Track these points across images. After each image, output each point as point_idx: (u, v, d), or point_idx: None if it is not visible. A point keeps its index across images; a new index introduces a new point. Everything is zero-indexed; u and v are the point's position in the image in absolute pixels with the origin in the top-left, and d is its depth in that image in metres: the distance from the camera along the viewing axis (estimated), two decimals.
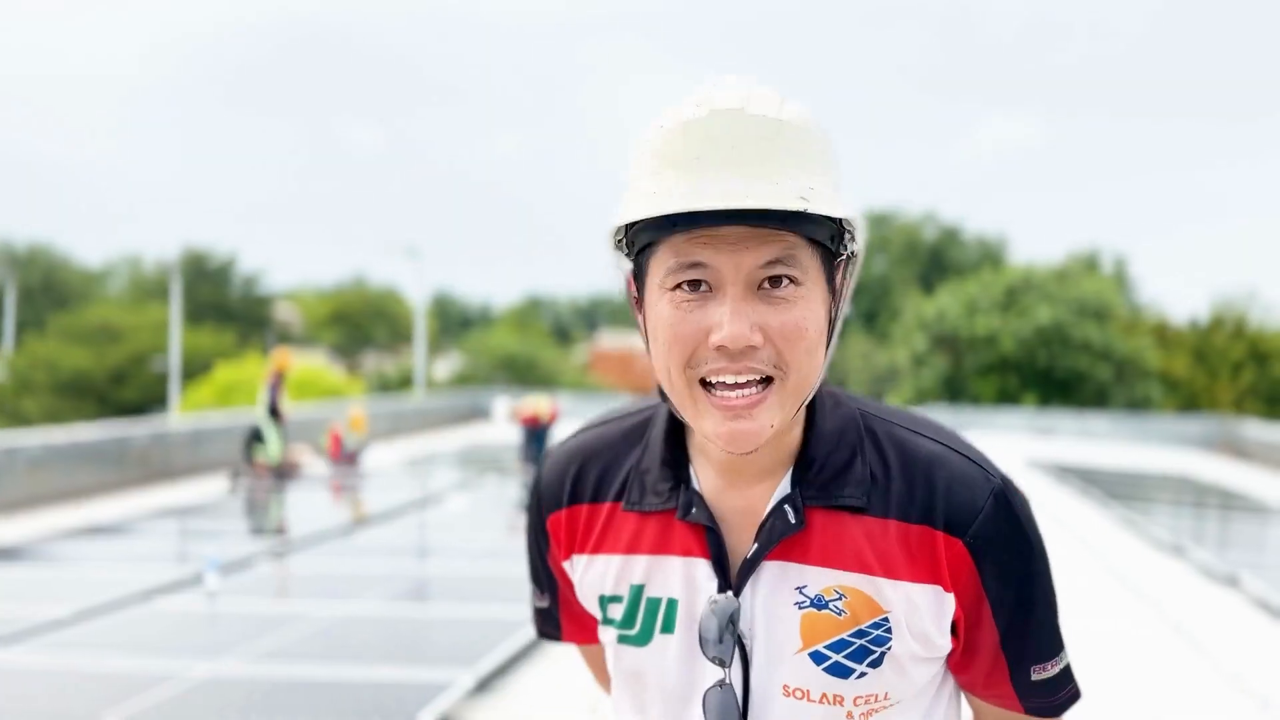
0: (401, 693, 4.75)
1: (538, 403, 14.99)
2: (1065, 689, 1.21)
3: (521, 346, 43.22)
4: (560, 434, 15.37)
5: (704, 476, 1.15)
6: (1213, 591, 7.98)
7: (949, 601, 1.12)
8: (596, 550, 1.20)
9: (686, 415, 1.09)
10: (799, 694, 1.11)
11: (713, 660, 1.11)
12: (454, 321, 71.03)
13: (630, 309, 1.14)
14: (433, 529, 9.90)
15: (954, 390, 31.75)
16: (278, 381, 13.31)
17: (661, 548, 1.16)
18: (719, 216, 1.00)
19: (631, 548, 1.18)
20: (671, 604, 1.15)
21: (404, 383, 37.99)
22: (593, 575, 1.21)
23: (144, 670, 5.11)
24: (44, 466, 11.63)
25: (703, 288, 1.03)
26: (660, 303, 1.05)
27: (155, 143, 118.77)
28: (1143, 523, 10.84)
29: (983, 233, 44.14)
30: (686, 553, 1.14)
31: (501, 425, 23.06)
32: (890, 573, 1.10)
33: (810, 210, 1.00)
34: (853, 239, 1.09)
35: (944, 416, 25.28)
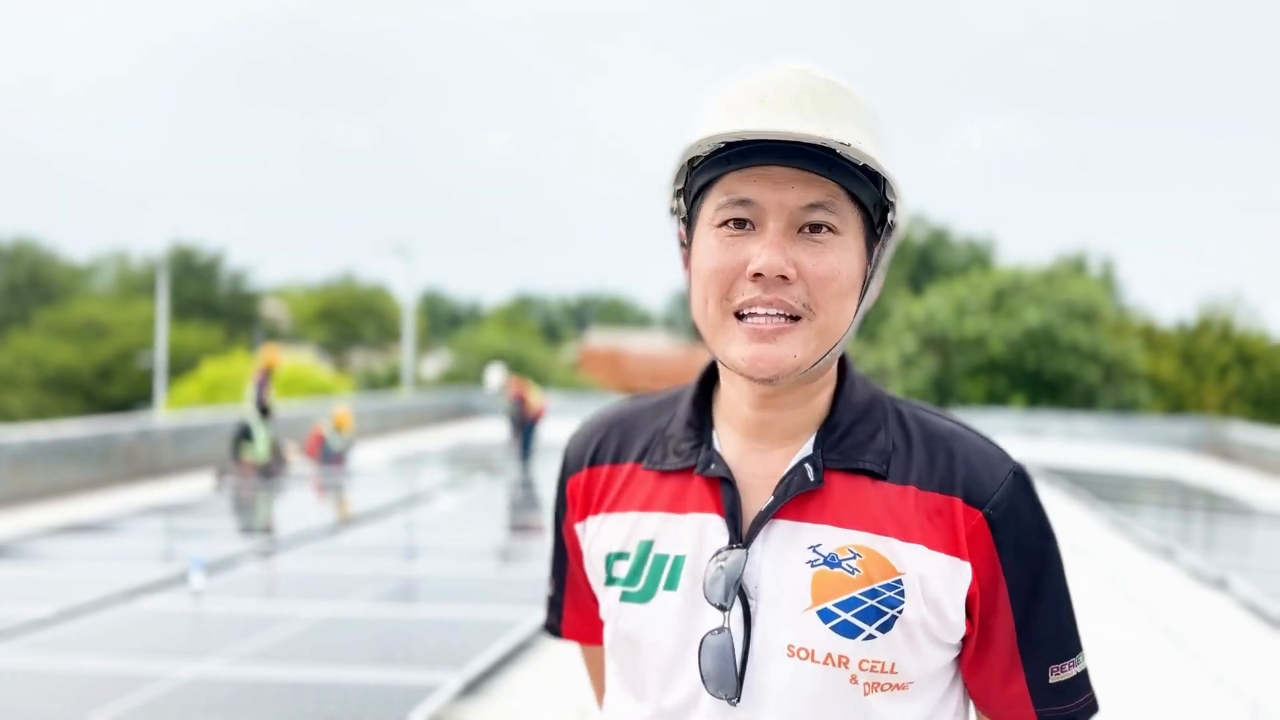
0: (388, 695, 4.70)
1: (530, 385, 15.03)
2: (1083, 697, 1.18)
3: (511, 345, 43.14)
4: (546, 431, 15.31)
5: (727, 440, 1.18)
6: (1202, 594, 7.98)
7: (965, 571, 1.11)
8: (611, 509, 1.22)
9: (716, 346, 1.13)
10: (803, 654, 1.09)
11: (715, 606, 1.11)
12: (443, 319, 70.89)
13: (680, 260, 1.20)
14: (420, 529, 9.85)
15: (942, 391, 31.80)
16: (265, 379, 13.23)
17: (676, 506, 1.17)
18: (772, 154, 1.09)
19: (646, 505, 1.19)
20: (678, 560, 1.15)
21: (392, 380, 37.88)
22: (604, 534, 1.22)
23: (127, 671, 5.05)
24: (28, 463, 11.53)
25: (746, 226, 1.11)
26: (707, 238, 1.13)
27: (144, 138, 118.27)
28: (1131, 525, 10.85)
29: (971, 234, 44.16)
30: (701, 509, 1.16)
31: (488, 422, 23.00)
32: (906, 536, 1.11)
33: (855, 150, 1.08)
34: (894, 211, 1.15)
35: None
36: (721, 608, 1.11)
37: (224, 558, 7.76)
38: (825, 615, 1.10)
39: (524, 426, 14.60)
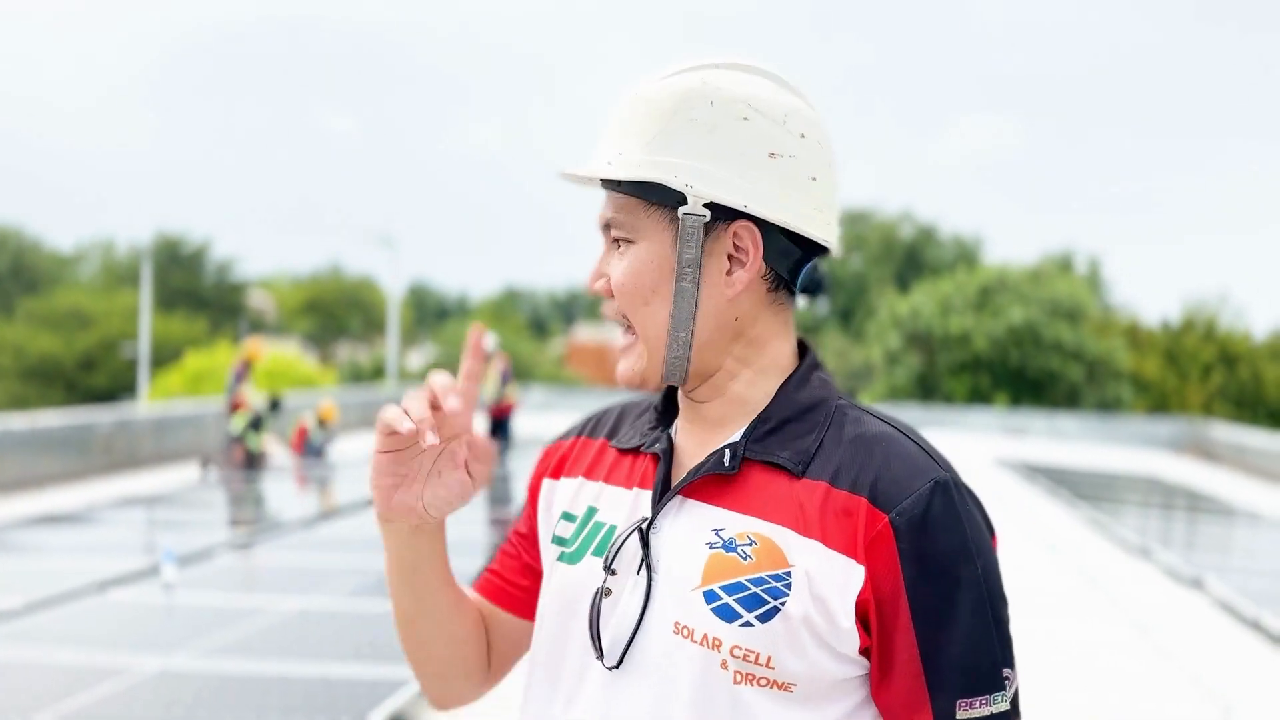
0: (355, 690, 4.67)
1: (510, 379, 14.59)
2: None
3: (500, 338, 43.08)
4: (519, 425, 15.21)
5: (683, 428, 1.22)
6: (1178, 593, 8.01)
7: (857, 575, 1.06)
8: (572, 473, 1.27)
9: None
10: (685, 632, 1.09)
11: (605, 569, 1.14)
12: (430, 312, 70.74)
13: None
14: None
15: (927, 389, 31.88)
16: (244, 371, 13.15)
17: (624, 480, 1.21)
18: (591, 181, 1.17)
19: (600, 476, 1.24)
20: (611, 529, 1.18)
21: (377, 373, 37.77)
22: (560, 493, 1.27)
23: (92, 664, 5.01)
24: (3, 453, 11.45)
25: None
26: None
27: (129, 127, 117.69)
28: (1110, 524, 10.88)
29: (959, 232, 44.33)
30: (642, 485, 1.19)
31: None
32: (806, 531, 1.09)
33: (604, 175, 1.14)
34: (693, 190, 1.12)
35: (916, 415, 25.37)
36: (608, 570, 1.13)
37: (199, 550, 7.71)
38: (709, 596, 1.09)
39: (497, 420, 14.20)
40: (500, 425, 14.33)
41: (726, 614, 1.07)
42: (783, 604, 1.06)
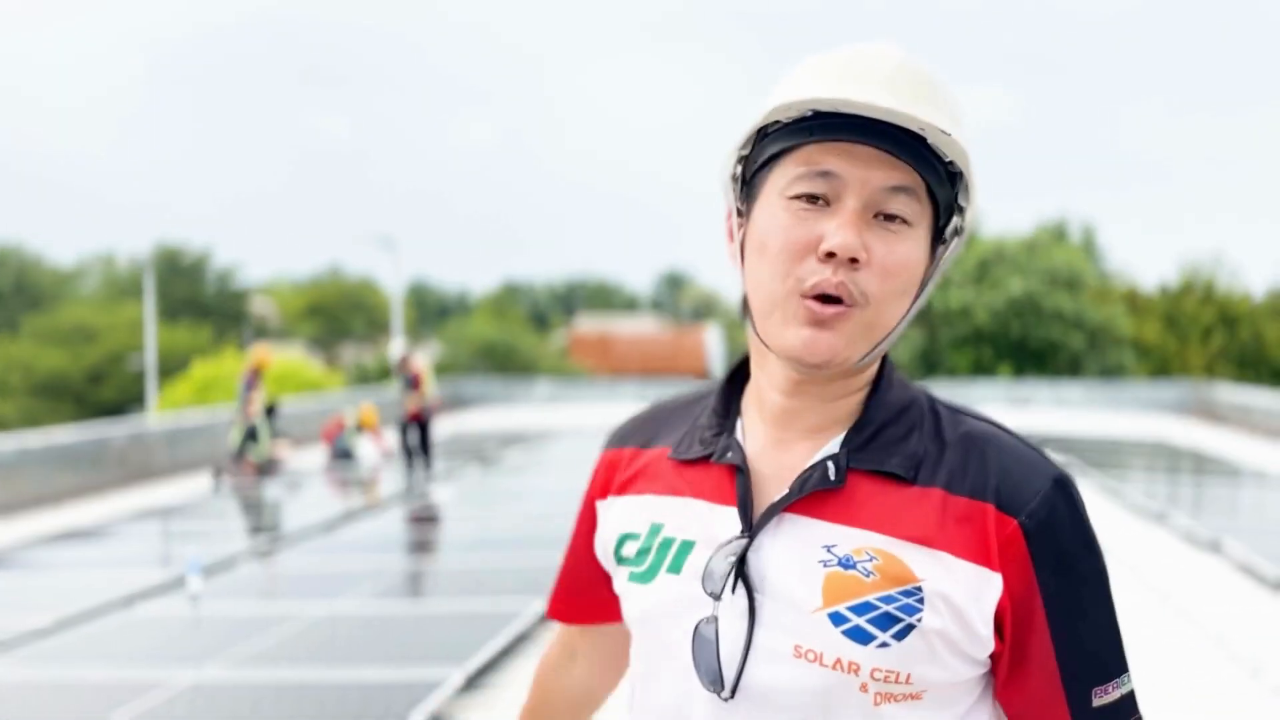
0: (390, 693, 4.71)
1: (428, 372, 13.24)
2: None
3: (500, 334, 43.10)
4: (438, 428, 14.51)
5: (752, 430, 1.15)
6: (1196, 557, 8.04)
7: (994, 582, 1.04)
8: (629, 491, 1.20)
9: (770, 324, 1.08)
10: (811, 656, 1.04)
11: (709, 594, 1.07)
12: (431, 310, 70.69)
13: (728, 230, 1.15)
14: (417, 522, 9.85)
15: (930, 363, 31.89)
16: (254, 379, 13.18)
17: (691, 492, 1.14)
18: (859, 131, 1.03)
19: (661, 489, 1.17)
20: (685, 545, 1.12)
21: (383, 374, 37.78)
22: (618, 512, 1.20)
23: (127, 680, 5.04)
24: (19, 471, 11.49)
25: (820, 202, 1.05)
26: (778, 210, 1.07)
27: (127, 140, 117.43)
28: (1122, 490, 10.91)
29: None
30: (715, 498, 1.12)
31: (480, 413, 22.99)
32: (928, 541, 1.05)
33: (950, 141, 1.04)
34: (962, 215, 1.11)
35: None
36: (714, 596, 1.07)
37: (221, 559, 7.75)
38: (836, 619, 1.04)
39: (414, 422, 12.83)
40: (420, 428, 12.96)
41: (860, 636, 1.03)
42: (919, 620, 1.03)
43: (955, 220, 1.11)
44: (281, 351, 33.53)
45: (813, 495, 1.08)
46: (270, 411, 13.17)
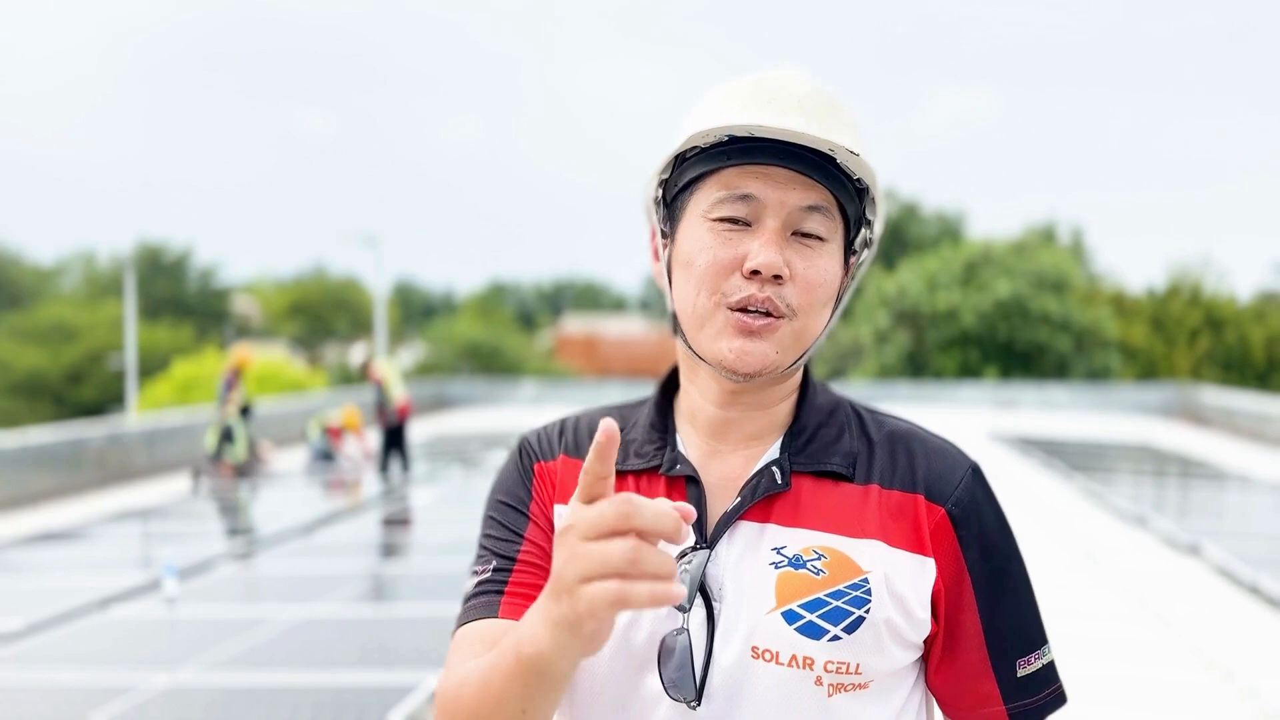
0: (365, 697, 4.67)
1: (392, 376, 12.89)
2: (1050, 688, 1.17)
3: (486, 334, 42.99)
4: (418, 430, 14.50)
5: (689, 443, 1.19)
6: (1176, 561, 8.05)
7: (929, 568, 1.12)
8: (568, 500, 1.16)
9: (700, 338, 1.13)
10: (768, 655, 1.08)
11: (675, 608, 1.10)
12: (416, 310, 70.54)
13: (653, 250, 1.22)
14: (395, 525, 9.80)
15: (917, 365, 31.94)
16: (234, 379, 13.09)
17: None
18: (774, 154, 1.10)
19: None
20: None
21: (365, 375, 37.71)
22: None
23: (99, 683, 4.99)
24: None
25: (741, 224, 1.11)
26: (702, 231, 1.12)
27: (107, 135, 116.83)
28: (1106, 493, 10.94)
29: (941, 208, 44.28)
30: None
31: (465, 413, 22.92)
32: (870, 534, 1.12)
33: (858, 161, 1.10)
34: (871, 229, 1.18)
35: (907, 392, 25.43)
36: (681, 609, 1.09)
37: (198, 562, 7.69)
38: (790, 616, 1.09)
39: (390, 428, 12.53)
40: (394, 434, 12.63)
41: (813, 631, 1.08)
42: (867, 611, 1.09)
43: (864, 233, 1.18)
44: (264, 351, 33.40)
45: (761, 501, 1.13)
46: (245, 412, 13.07)
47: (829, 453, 1.16)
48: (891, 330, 32.37)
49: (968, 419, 20.09)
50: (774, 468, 1.15)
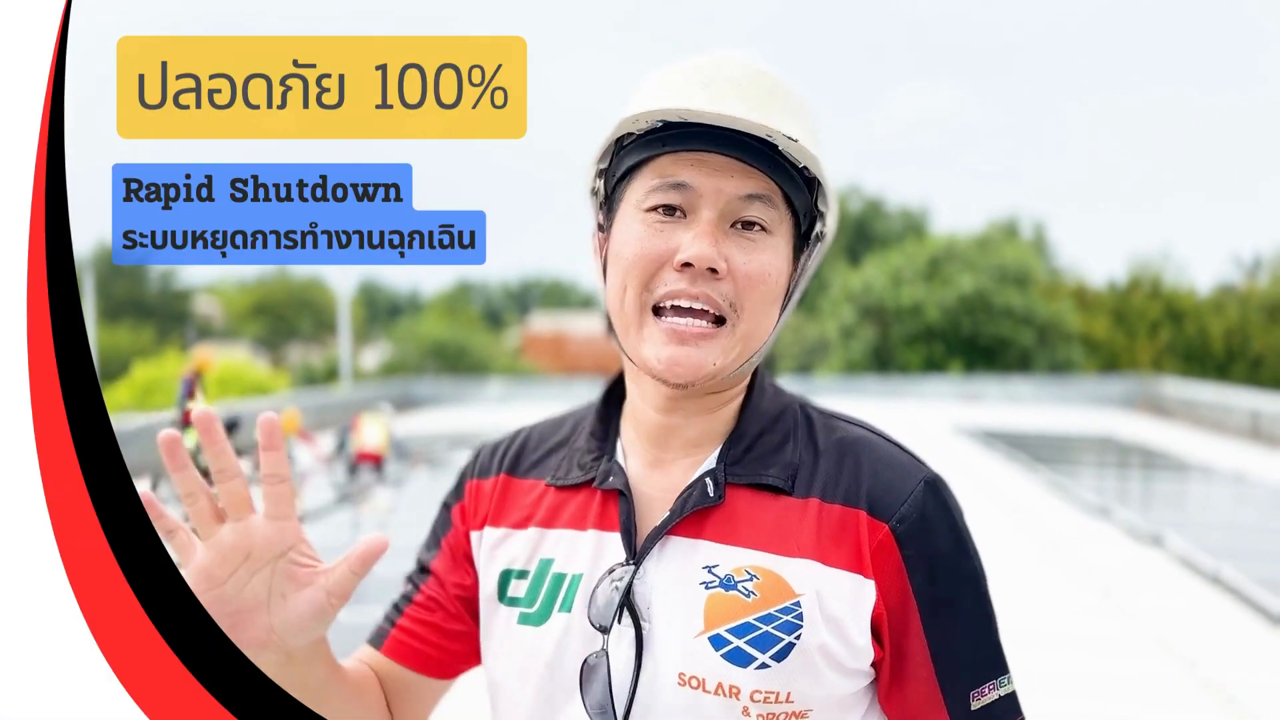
0: None
1: (364, 420, 12.90)
2: None
3: (452, 333, 42.79)
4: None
5: (632, 451, 1.12)
6: (1138, 552, 8.14)
7: (868, 590, 1.02)
8: (511, 524, 1.14)
9: (629, 342, 1.06)
10: (694, 683, 1.01)
11: (595, 627, 1.04)
12: (382, 310, 70.13)
13: (593, 247, 1.13)
14: (362, 528, 9.72)
15: (882, 360, 32.15)
16: (194, 383, 12.89)
17: (576, 522, 1.10)
18: (712, 140, 1.01)
19: (546, 522, 1.12)
20: (575, 579, 1.08)
21: (330, 374, 37.44)
22: (503, 550, 1.13)
23: None
24: None
25: (677, 214, 1.03)
26: (631, 222, 1.05)
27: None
28: (1069, 485, 11.04)
29: (905, 204, 44.61)
30: (600, 525, 1.08)
31: (432, 413, 22.82)
32: (806, 554, 1.03)
33: (799, 148, 1.02)
34: (823, 221, 1.09)
35: (873, 386, 25.62)
36: (602, 629, 1.04)
37: None
38: (717, 642, 1.02)
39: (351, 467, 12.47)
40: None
41: (740, 659, 1.01)
42: (798, 637, 1.01)
43: (817, 226, 1.09)
44: (226, 352, 33.10)
45: (695, 514, 1.05)
46: (231, 428, 12.90)
47: (767, 463, 1.07)
48: (857, 326, 32.57)
49: (932, 413, 20.23)
50: (707, 479, 1.06)
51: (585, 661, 1.05)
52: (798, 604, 1.02)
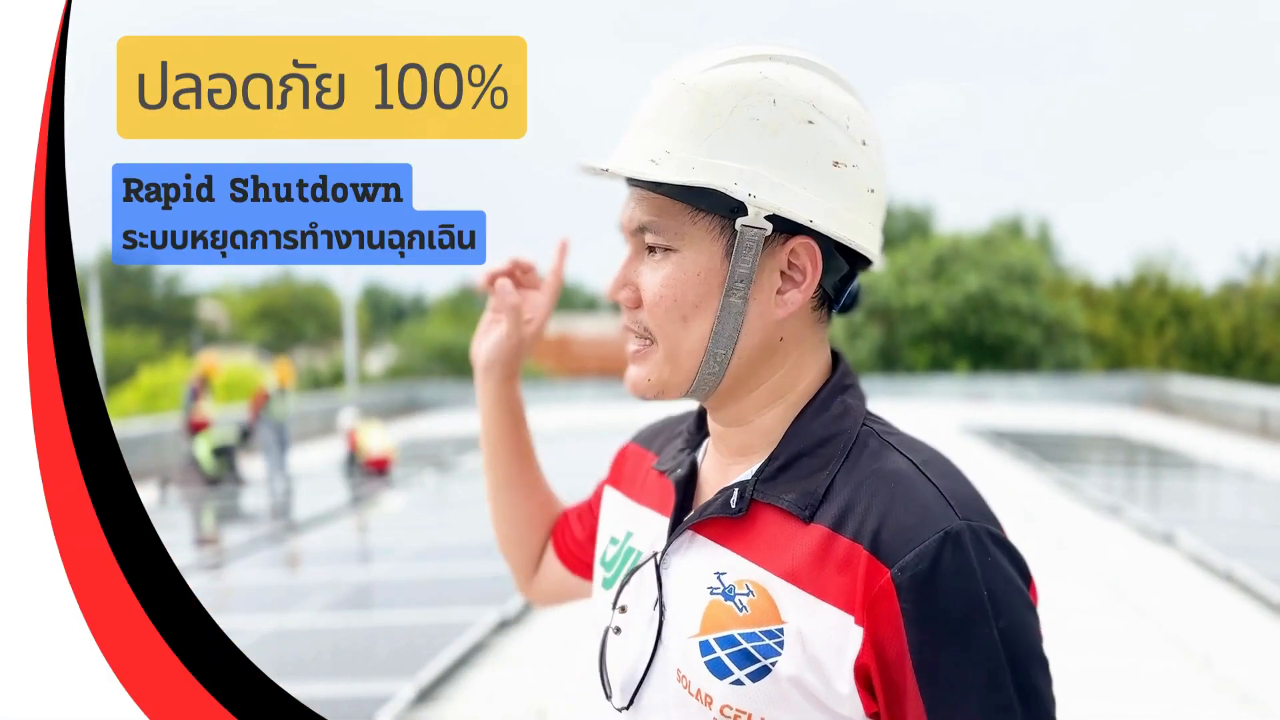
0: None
1: (364, 428, 13.22)
2: None
3: (457, 336, 42.77)
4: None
5: (710, 453, 1.17)
6: (1150, 550, 8.10)
7: (855, 637, 0.95)
8: (625, 491, 1.26)
9: None
10: (684, 682, 1.03)
11: (613, 606, 1.11)
12: (387, 313, 70.17)
13: None
14: (369, 531, 9.71)
15: (888, 360, 32.10)
16: (200, 388, 12.88)
17: (660, 505, 1.17)
18: (620, 175, 1.05)
19: (639, 497, 1.22)
20: (638, 556, 1.15)
21: (336, 378, 37.45)
22: (611, 513, 1.26)
23: None
24: None
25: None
26: None
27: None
28: (1078, 484, 11.00)
29: (910, 203, 44.51)
30: (665, 511, 1.15)
31: (438, 417, 22.79)
32: (802, 582, 0.99)
33: (651, 176, 1.01)
34: (754, 206, 1.00)
35: (879, 386, 25.55)
36: (621, 608, 1.10)
37: None
38: (705, 648, 1.03)
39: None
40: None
41: (719, 669, 1.01)
42: (773, 664, 0.98)
43: (748, 215, 1.00)
44: (232, 357, 33.14)
45: (724, 521, 1.07)
46: (245, 436, 12.86)
47: (793, 487, 1.03)
48: (862, 325, 32.51)
49: (940, 413, 20.19)
50: (735, 489, 1.06)
51: (606, 631, 1.12)
52: (781, 630, 0.99)
